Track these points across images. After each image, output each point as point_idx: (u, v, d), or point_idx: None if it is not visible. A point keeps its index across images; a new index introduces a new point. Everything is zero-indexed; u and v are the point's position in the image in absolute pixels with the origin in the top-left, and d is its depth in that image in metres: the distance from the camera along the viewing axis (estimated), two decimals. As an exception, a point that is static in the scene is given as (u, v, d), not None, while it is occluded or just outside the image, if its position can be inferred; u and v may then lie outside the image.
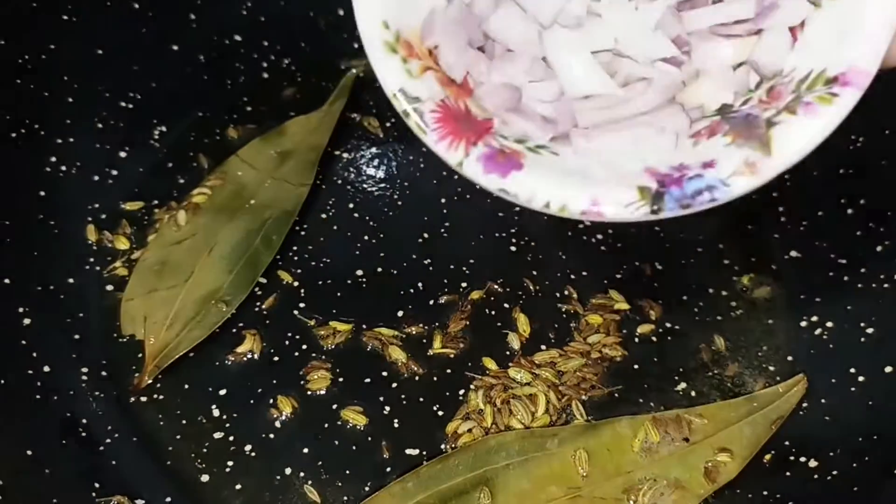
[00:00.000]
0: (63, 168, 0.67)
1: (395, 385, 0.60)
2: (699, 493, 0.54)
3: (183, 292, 0.63)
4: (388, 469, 0.56)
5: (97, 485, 0.54)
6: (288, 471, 0.56)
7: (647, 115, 0.45)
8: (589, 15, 0.45)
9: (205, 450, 0.57)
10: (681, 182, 0.41)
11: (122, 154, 0.70)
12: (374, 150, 0.73)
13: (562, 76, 0.45)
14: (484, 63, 0.46)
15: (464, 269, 0.66)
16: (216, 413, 0.59)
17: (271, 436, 0.58)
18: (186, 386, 0.60)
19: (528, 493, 0.54)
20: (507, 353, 0.61)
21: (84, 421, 0.57)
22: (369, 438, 0.58)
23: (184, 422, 0.58)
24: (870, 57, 0.41)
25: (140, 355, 0.60)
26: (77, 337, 0.61)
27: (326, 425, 0.58)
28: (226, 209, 0.67)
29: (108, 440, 0.57)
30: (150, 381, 0.59)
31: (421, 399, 0.60)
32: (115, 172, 0.69)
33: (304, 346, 0.62)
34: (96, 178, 0.69)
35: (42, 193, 0.66)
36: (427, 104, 0.43)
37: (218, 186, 0.69)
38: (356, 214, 0.69)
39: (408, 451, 0.57)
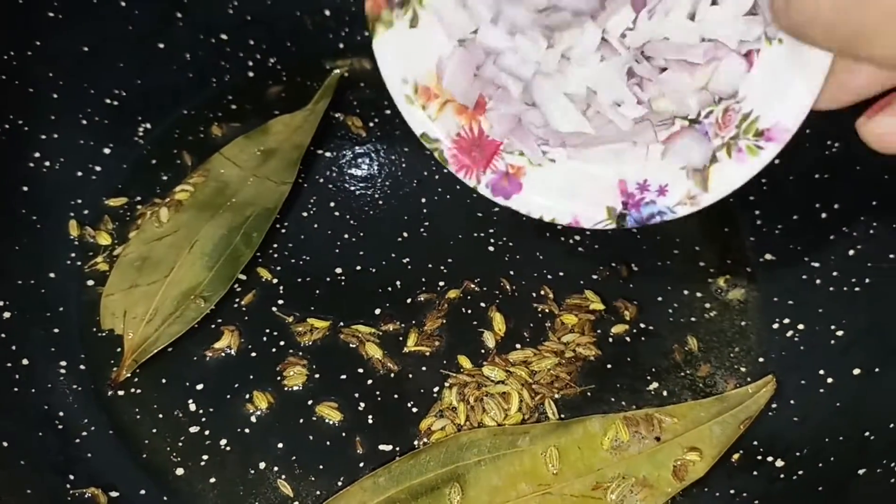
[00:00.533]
0: (47, 164, 0.68)
1: (370, 382, 0.61)
2: (667, 492, 0.55)
3: (163, 288, 0.63)
4: (361, 464, 0.57)
5: (72, 477, 0.55)
6: (262, 465, 0.57)
7: (623, 132, 0.53)
8: (563, 60, 0.52)
9: (180, 443, 0.58)
10: (638, 206, 0.54)
11: (106, 151, 0.71)
12: (356, 149, 0.74)
13: (546, 115, 0.53)
14: (492, 87, 0.54)
15: (442, 268, 0.66)
16: (192, 407, 0.59)
17: (246, 430, 0.58)
18: (164, 380, 0.60)
19: (499, 490, 0.55)
20: (483, 351, 0.62)
21: (61, 414, 0.58)
22: (343, 434, 0.59)
23: (160, 416, 0.59)
24: (793, 117, 0.48)
25: (119, 350, 0.61)
26: (56, 331, 0.62)
27: (301, 420, 0.59)
28: (208, 206, 0.68)
29: (85, 433, 0.58)
30: (128, 375, 0.60)
31: (395, 396, 0.60)
32: (98, 169, 0.70)
33: (282, 343, 0.62)
34: (80, 174, 0.69)
35: (25, 189, 0.66)
36: (445, 142, 0.56)
37: (200, 183, 0.69)
38: (337, 213, 0.70)
39: (381, 447, 0.58)
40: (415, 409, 0.60)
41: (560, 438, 0.57)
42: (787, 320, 0.63)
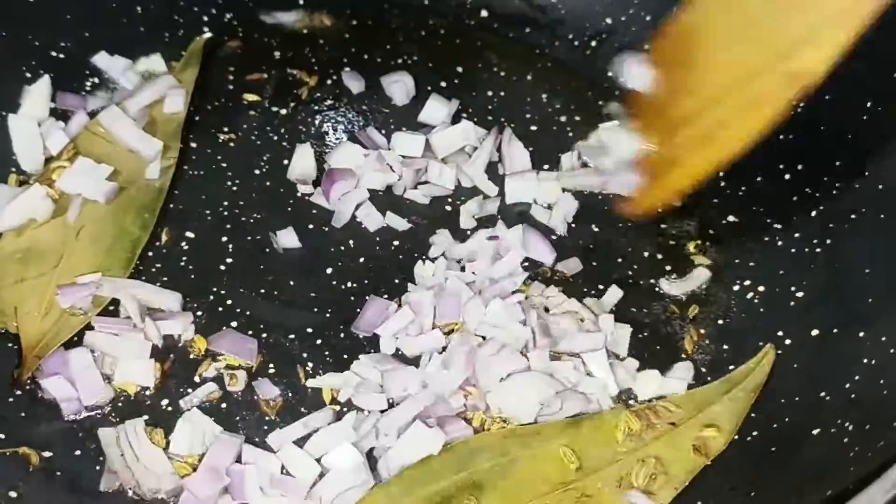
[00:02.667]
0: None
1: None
2: (690, 469, 0.53)
3: (54, 279, 0.58)
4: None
5: (1, 436, 0.53)
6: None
7: None
8: None
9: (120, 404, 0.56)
10: None
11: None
12: (245, 114, 0.71)
13: None
14: None
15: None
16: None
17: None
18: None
19: (518, 493, 0.53)
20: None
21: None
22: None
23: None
24: None
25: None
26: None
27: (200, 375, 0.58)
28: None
29: (11, 398, 0.55)
30: (30, 376, 0.55)
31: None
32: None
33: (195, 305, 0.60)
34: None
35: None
36: None
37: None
38: (230, 173, 0.67)
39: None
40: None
41: (572, 436, 0.55)
42: (747, 282, 0.62)
